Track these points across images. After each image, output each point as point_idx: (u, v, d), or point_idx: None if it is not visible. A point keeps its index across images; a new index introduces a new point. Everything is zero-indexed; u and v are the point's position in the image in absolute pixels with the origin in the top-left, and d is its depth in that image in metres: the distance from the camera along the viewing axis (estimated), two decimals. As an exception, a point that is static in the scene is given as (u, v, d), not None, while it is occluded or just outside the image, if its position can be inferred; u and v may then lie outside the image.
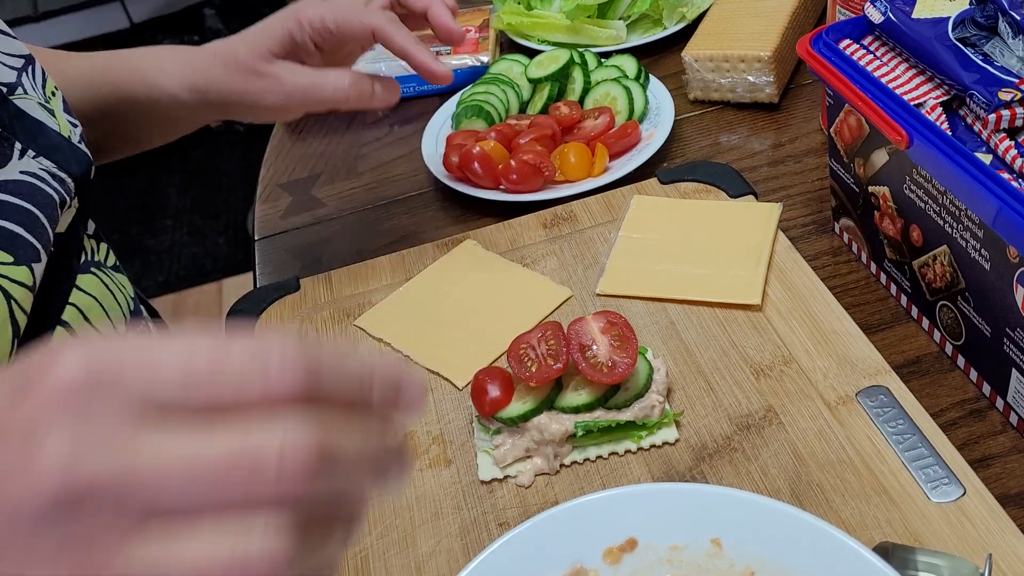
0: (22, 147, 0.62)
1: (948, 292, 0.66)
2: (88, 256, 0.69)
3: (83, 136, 0.69)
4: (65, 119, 0.68)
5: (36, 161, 0.62)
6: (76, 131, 0.69)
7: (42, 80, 0.68)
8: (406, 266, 0.82)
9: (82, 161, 0.66)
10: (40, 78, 0.68)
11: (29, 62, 0.68)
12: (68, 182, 0.64)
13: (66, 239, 0.65)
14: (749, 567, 0.50)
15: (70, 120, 0.69)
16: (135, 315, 0.73)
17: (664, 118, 0.95)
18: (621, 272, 0.76)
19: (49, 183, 0.62)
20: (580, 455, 0.63)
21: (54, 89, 0.69)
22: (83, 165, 0.66)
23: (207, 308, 2.63)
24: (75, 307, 0.64)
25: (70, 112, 0.70)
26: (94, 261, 0.69)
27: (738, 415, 0.64)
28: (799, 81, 1.02)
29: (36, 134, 0.63)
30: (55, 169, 0.63)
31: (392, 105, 0.75)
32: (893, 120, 0.62)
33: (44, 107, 0.66)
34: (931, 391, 0.67)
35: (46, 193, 0.61)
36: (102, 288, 0.68)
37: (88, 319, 0.65)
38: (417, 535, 0.61)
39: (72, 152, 0.65)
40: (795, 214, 0.84)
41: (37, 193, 0.60)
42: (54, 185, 0.62)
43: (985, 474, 0.60)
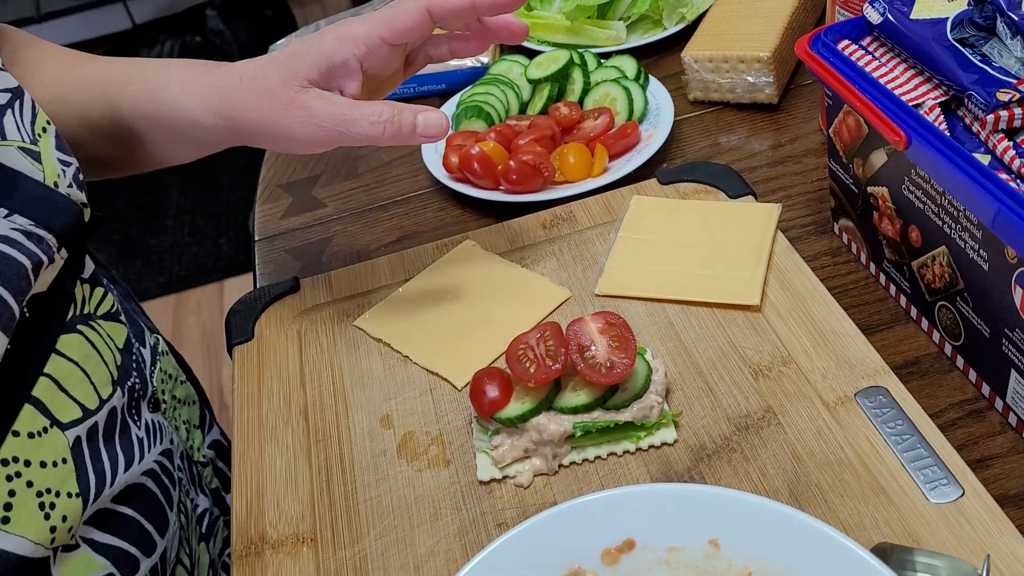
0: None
1: (947, 293, 0.66)
2: (77, 309, 0.62)
3: (77, 174, 0.63)
4: (55, 159, 0.61)
5: (8, 220, 0.56)
6: (69, 170, 0.62)
7: (31, 116, 0.61)
8: (405, 266, 0.82)
9: (68, 210, 0.59)
10: (30, 113, 0.61)
11: (16, 96, 0.61)
12: (48, 239, 0.57)
13: (47, 298, 0.58)
14: (747, 568, 0.50)
15: (61, 159, 0.62)
16: (127, 367, 0.66)
17: (664, 119, 0.95)
18: (620, 273, 0.76)
19: (22, 246, 0.55)
20: (579, 455, 0.63)
21: (45, 125, 0.62)
22: (70, 214, 0.59)
23: (208, 308, 2.64)
24: (49, 378, 0.57)
25: (64, 148, 0.63)
26: (83, 315, 0.62)
27: (737, 416, 0.64)
28: (799, 82, 1.02)
29: (11, 189, 0.57)
30: (32, 227, 0.56)
31: (439, 139, 0.69)
32: (892, 121, 0.62)
33: (27, 152, 0.59)
34: (930, 392, 0.67)
35: (14, 262, 0.54)
36: (87, 349, 0.61)
37: (65, 389, 0.58)
38: (416, 535, 0.61)
39: (55, 203, 0.58)
40: (794, 215, 0.84)
41: (1, 264, 0.53)
42: (28, 247, 0.55)
43: (984, 475, 0.60)
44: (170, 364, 0.78)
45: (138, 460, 0.65)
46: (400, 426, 0.68)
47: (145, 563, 0.64)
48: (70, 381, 0.59)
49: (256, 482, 0.67)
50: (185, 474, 0.75)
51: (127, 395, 0.65)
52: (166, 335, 2.55)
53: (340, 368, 0.74)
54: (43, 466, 0.56)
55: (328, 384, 0.73)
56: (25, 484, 0.55)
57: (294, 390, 0.73)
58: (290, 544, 0.62)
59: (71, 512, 0.57)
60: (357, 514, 0.63)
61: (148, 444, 0.67)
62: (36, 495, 0.56)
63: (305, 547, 0.62)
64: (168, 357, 0.79)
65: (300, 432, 0.69)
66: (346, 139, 0.67)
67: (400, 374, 0.72)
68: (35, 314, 0.57)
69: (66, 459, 0.58)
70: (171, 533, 0.67)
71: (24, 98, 0.62)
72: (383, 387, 0.71)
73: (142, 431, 0.67)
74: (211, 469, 0.83)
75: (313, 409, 0.71)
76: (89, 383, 0.61)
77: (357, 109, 0.66)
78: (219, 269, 2.74)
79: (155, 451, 0.68)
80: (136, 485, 0.64)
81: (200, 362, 2.44)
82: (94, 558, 0.60)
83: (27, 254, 0.55)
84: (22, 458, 0.55)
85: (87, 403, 0.60)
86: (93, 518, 0.61)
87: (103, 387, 0.62)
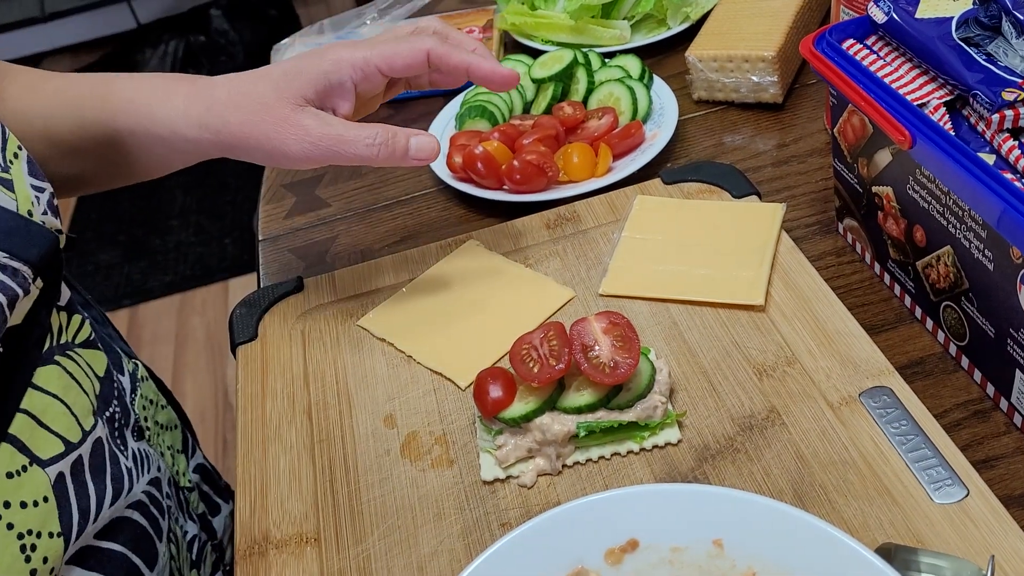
0: None
1: (952, 293, 0.66)
2: (54, 339, 0.60)
3: (51, 200, 0.61)
4: (27, 185, 0.59)
5: None
6: (43, 196, 0.60)
7: (2, 141, 0.59)
8: (409, 266, 0.82)
9: (44, 239, 0.57)
10: (0, 139, 0.59)
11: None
12: (23, 271, 0.55)
13: (22, 331, 0.56)
14: (751, 568, 0.49)
15: (35, 185, 0.59)
16: (107, 395, 0.65)
17: (668, 118, 0.95)
18: (624, 272, 0.76)
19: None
20: (582, 455, 0.63)
21: (16, 150, 0.60)
22: (45, 243, 0.57)
23: (213, 308, 2.64)
24: (27, 414, 0.55)
25: (37, 174, 0.60)
26: (59, 345, 0.60)
27: (741, 416, 0.63)
28: (803, 81, 1.02)
29: None
30: (7, 259, 0.54)
31: (431, 162, 0.71)
32: (896, 120, 0.62)
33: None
34: (935, 392, 0.67)
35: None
36: (65, 380, 0.59)
37: (44, 424, 0.56)
38: (419, 535, 0.61)
39: (30, 233, 0.56)
40: (799, 214, 0.84)
41: None
42: (3, 281, 0.53)
43: (988, 475, 0.60)
44: (150, 389, 0.76)
45: (126, 492, 0.63)
46: (404, 426, 0.68)
47: None
48: (49, 415, 0.57)
49: (260, 482, 0.67)
50: (173, 501, 0.73)
51: (107, 425, 0.63)
52: (171, 335, 2.57)
53: (344, 368, 0.74)
54: (23, 506, 0.54)
55: (332, 384, 0.73)
56: (5, 527, 0.53)
57: (298, 390, 0.73)
58: (294, 544, 0.62)
59: (52, 553, 0.55)
60: (361, 514, 0.63)
61: (136, 474, 0.65)
62: (17, 537, 0.53)
63: (309, 547, 0.62)
64: (148, 383, 0.77)
65: (304, 432, 0.69)
66: (340, 159, 0.68)
67: (404, 374, 0.72)
68: (9, 348, 0.55)
69: (47, 497, 0.56)
70: (161, 565, 0.66)
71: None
72: (387, 387, 0.71)
73: (130, 460, 0.65)
74: (197, 494, 0.80)
75: (317, 409, 0.71)
76: (70, 415, 0.59)
77: (353, 131, 0.67)
78: (224, 269, 2.75)
79: (143, 481, 0.66)
80: (122, 519, 0.62)
81: (205, 362, 2.44)
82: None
83: (2, 288, 0.53)
84: (1, 499, 0.53)
85: (69, 436, 0.58)
86: (75, 556, 0.58)
87: (85, 418, 0.60)
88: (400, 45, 0.69)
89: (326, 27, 1.21)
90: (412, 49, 0.69)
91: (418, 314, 0.76)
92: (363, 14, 1.21)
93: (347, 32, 1.19)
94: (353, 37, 1.18)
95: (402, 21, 1.13)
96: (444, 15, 1.23)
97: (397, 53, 0.69)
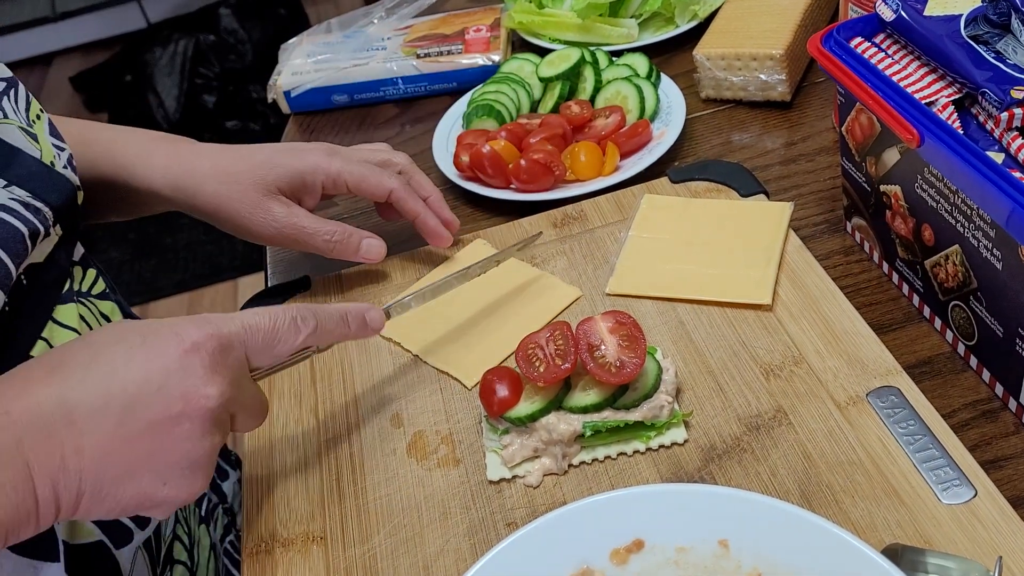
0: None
1: (960, 292, 0.65)
2: (75, 285, 0.66)
3: (70, 159, 0.67)
4: (50, 143, 0.65)
5: (7, 191, 0.59)
6: (63, 154, 0.66)
7: (26, 103, 0.66)
8: (416, 266, 0.82)
9: (64, 188, 0.63)
10: (24, 101, 0.66)
11: (11, 85, 0.65)
12: (45, 211, 0.61)
13: (43, 269, 0.62)
14: (756, 569, 0.49)
15: (56, 144, 0.66)
16: None
17: (675, 117, 0.95)
18: (631, 272, 0.75)
19: (19, 214, 0.59)
20: (588, 455, 0.63)
21: (39, 112, 0.67)
22: (65, 192, 0.63)
23: (222, 306, 2.65)
24: (47, 342, 0.61)
25: (58, 135, 0.67)
26: (77, 291, 0.66)
27: (747, 415, 0.63)
28: (812, 79, 1.01)
29: (10, 162, 0.61)
30: (30, 198, 0.60)
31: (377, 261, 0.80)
32: (904, 119, 0.62)
33: (26, 131, 0.63)
34: (943, 392, 0.66)
35: (11, 227, 0.58)
36: (83, 323, 0.65)
37: None
38: (425, 534, 0.61)
39: (52, 179, 0.63)
40: (807, 213, 0.84)
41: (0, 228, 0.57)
42: (26, 216, 0.59)
43: (997, 476, 0.59)
44: None
45: None
46: (410, 425, 0.68)
47: (138, 535, 0.65)
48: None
49: (267, 480, 0.67)
50: None
51: None
52: (181, 333, 2.58)
53: (350, 367, 0.74)
54: None
55: (338, 383, 0.73)
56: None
57: (304, 388, 0.73)
58: (300, 542, 0.62)
59: None
60: (367, 513, 0.63)
61: None
62: None
63: (315, 545, 0.62)
64: None
65: (310, 431, 0.70)
66: (299, 246, 0.78)
67: (410, 373, 0.72)
68: (32, 283, 0.61)
69: None
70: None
71: (19, 88, 0.66)
72: (393, 386, 0.71)
73: None
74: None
75: (323, 407, 0.71)
76: None
77: (315, 224, 0.77)
78: (233, 267, 2.76)
79: None
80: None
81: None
82: (84, 523, 0.61)
83: (24, 222, 0.58)
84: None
85: None
86: None
87: None
88: (370, 175, 0.78)
89: (334, 26, 1.21)
90: (379, 184, 0.78)
91: (425, 313, 0.76)
92: (371, 13, 1.22)
93: (354, 31, 1.19)
94: (361, 36, 1.18)
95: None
96: (451, 14, 1.23)
97: (366, 180, 0.78)
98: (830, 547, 0.47)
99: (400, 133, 1.10)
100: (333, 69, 1.13)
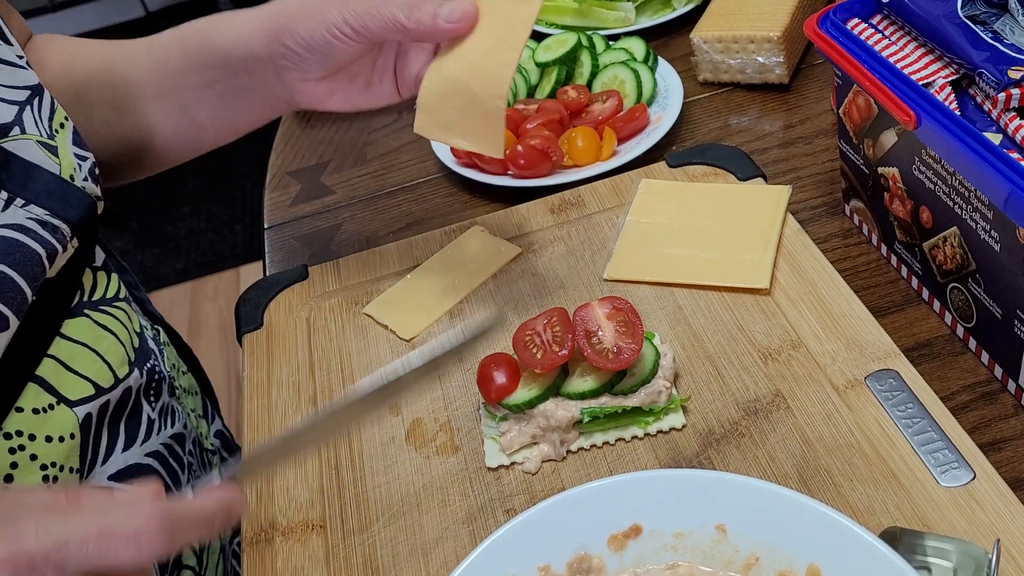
0: (8, 196, 0.58)
1: (959, 274, 0.65)
2: (85, 295, 0.65)
3: (92, 169, 0.65)
4: (71, 154, 0.64)
5: (25, 210, 0.58)
6: (85, 164, 0.65)
7: (49, 112, 0.64)
8: (414, 253, 0.82)
9: (82, 202, 0.62)
10: (48, 110, 0.64)
11: (36, 93, 0.64)
12: (62, 228, 0.60)
13: (55, 284, 0.61)
14: (754, 553, 0.49)
15: (78, 154, 0.65)
16: (146, 350, 0.70)
17: (673, 101, 0.94)
18: (629, 257, 0.75)
19: (36, 234, 0.58)
20: (587, 441, 0.63)
21: (63, 120, 0.65)
22: (83, 207, 0.62)
23: (225, 294, 2.65)
24: (54, 359, 0.60)
25: (81, 143, 0.66)
26: (90, 301, 0.65)
27: (746, 400, 0.63)
28: (810, 61, 1.01)
29: (27, 179, 0.59)
30: (47, 216, 0.59)
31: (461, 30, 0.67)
32: (901, 100, 0.61)
33: (45, 145, 0.62)
34: (942, 374, 0.66)
35: (29, 250, 0.57)
36: (96, 331, 0.64)
37: (72, 368, 0.61)
38: (424, 522, 0.61)
39: (70, 195, 0.61)
40: (805, 196, 0.84)
41: (16, 251, 0.56)
42: (43, 235, 0.58)
43: (996, 458, 0.59)
44: (172, 355, 0.80)
45: (141, 441, 0.66)
46: (408, 413, 0.68)
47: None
48: (77, 361, 0.62)
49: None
50: (196, 460, 0.76)
51: (146, 376, 0.68)
52: (184, 321, 2.58)
53: (349, 355, 0.74)
54: (48, 440, 0.59)
55: (337, 371, 0.73)
56: (28, 457, 0.58)
57: (303, 378, 0.73)
58: (300, 531, 0.62)
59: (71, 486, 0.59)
60: (366, 501, 0.63)
61: (159, 426, 0.69)
62: (40, 468, 0.58)
63: (314, 534, 0.62)
64: (170, 348, 0.80)
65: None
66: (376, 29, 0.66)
67: (408, 361, 0.72)
68: (42, 298, 0.60)
69: (74, 435, 0.61)
70: None
71: (43, 95, 0.64)
72: (391, 374, 0.71)
73: (155, 413, 0.69)
74: (218, 458, 0.84)
75: (322, 396, 0.71)
76: (102, 362, 0.63)
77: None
78: (235, 255, 2.75)
79: (165, 434, 0.69)
80: (139, 465, 0.66)
81: (218, 348, 2.45)
82: None
83: (42, 243, 0.58)
84: (26, 432, 0.58)
85: (100, 381, 0.63)
86: None
87: (119, 367, 0.65)
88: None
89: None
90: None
91: (423, 300, 0.76)
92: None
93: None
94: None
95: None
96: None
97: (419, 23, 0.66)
98: (827, 531, 0.47)
99: (397, 120, 1.10)
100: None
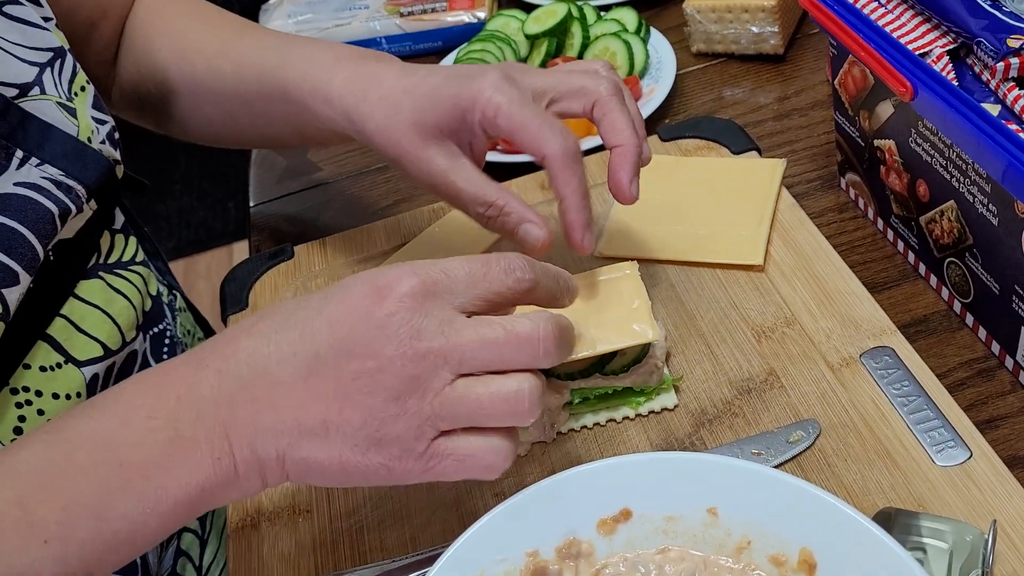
0: (24, 155, 0.58)
1: (956, 248, 0.64)
2: (102, 257, 0.65)
3: (112, 133, 0.65)
4: (90, 117, 0.64)
5: (39, 170, 0.59)
6: (103, 128, 0.65)
7: (71, 75, 0.64)
8: (402, 231, 0.80)
9: (99, 165, 0.62)
10: (69, 72, 0.64)
11: (59, 55, 0.64)
12: (78, 190, 0.60)
13: (72, 245, 0.62)
14: (746, 536, 0.48)
15: (96, 117, 0.65)
16: (156, 314, 0.70)
17: (665, 73, 0.92)
18: (620, 234, 0.74)
19: (50, 193, 0.58)
20: (577, 423, 0.62)
21: (84, 84, 0.65)
22: (100, 169, 0.62)
23: (218, 272, 2.63)
24: (65, 319, 0.61)
25: (101, 107, 0.66)
26: (105, 264, 0.65)
27: (739, 379, 0.62)
28: (806, 31, 0.99)
29: (43, 140, 0.59)
30: (62, 177, 0.59)
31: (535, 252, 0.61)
32: (897, 71, 0.60)
33: (64, 107, 0.62)
34: (939, 350, 0.65)
35: (41, 207, 0.57)
36: (109, 294, 0.64)
37: (82, 329, 0.62)
38: (412, 506, 0.60)
39: (87, 157, 0.61)
40: (800, 169, 0.82)
41: (28, 208, 0.57)
42: (57, 195, 0.58)
43: (992, 436, 0.58)
44: (188, 320, 0.81)
45: None
46: (396, 394, 0.67)
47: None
48: (88, 322, 0.62)
49: (252, 453, 0.66)
50: None
51: (149, 341, 0.68)
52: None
53: (336, 336, 0.72)
54: (55, 397, 0.60)
55: (324, 353, 0.71)
56: (36, 412, 0.59)
57: (289, 359, 0.72)
58: (286, 515, 0.61)
59: None
60: (353, 485, 0.62)
61: None
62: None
63: (301, 518, 0.61)
64: (186, 314, 0.81)
65: (296, 402, 0.68)
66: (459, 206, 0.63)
67: (396, 341, 0.71)
68: (59, 259, 0.60)
69: (80, 393, 0.61)
70: None
71: (66, 58, 0.64)
72: (379, 355, 0.70)
73: None
74: None
75: (309, 378, 0.70)
76: (113, 325, 0.64)
77: (473, 189, 0.61)
78: (228, 233, 2.74)
79: None
80: None
81: (212, 326, 2.44)
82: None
83: (55, 201, 0.58)
84: (33, 388, 0.59)
85: (109, 343, 0.63)
86: None
87: (128, 330, 0.65)
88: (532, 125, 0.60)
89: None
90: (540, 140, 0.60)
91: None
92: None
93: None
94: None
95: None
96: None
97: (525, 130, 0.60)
98: (820, 514, 0.46)
99: (385, 95, 1.08)
100: (315, 30, 1.10)
